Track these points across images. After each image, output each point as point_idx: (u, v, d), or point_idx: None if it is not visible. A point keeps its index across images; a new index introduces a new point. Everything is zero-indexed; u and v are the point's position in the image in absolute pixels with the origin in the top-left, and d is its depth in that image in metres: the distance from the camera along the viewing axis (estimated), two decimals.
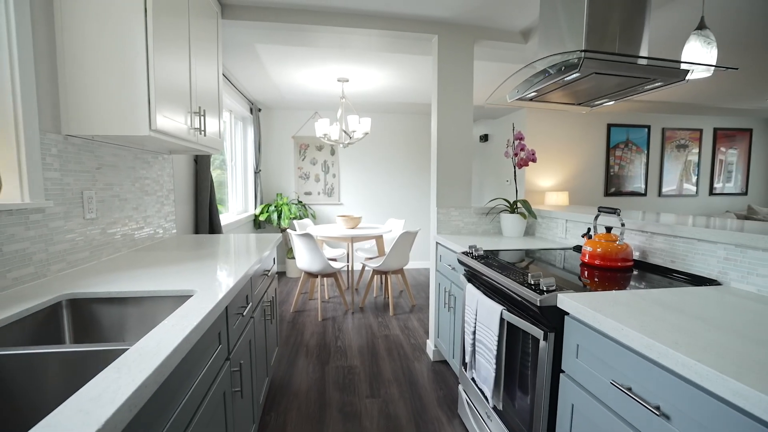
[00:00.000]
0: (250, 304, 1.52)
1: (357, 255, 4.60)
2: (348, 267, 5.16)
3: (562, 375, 1.16)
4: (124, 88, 1.33)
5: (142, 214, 1.90)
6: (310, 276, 3.62)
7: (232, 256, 1.65)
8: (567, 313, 1.14)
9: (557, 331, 1.18)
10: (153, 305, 1.15)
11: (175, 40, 1.55)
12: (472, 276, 1.77)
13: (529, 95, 1.74)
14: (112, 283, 1.20)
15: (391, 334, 3.15)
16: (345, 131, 3.91)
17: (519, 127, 5.04)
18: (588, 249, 1.61)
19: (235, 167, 4.33)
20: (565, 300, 1.13)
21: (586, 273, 1.48)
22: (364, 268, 4.60)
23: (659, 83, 1.44)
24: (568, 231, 2.18)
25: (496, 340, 1.42)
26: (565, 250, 1.99)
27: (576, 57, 1.31)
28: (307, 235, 3.29)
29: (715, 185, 5.60)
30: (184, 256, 1.66)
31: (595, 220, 1.75)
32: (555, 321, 1.18)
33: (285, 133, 5.19)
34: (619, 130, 5.15)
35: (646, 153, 5.27)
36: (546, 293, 1.18)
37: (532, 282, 1.27)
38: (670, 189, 5.43)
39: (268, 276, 2.03)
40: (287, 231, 4.72)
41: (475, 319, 1.60)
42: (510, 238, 2.39)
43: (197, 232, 2.73)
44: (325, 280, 4.49)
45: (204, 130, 1.83)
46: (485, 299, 1.51)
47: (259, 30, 2.37)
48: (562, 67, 1.42)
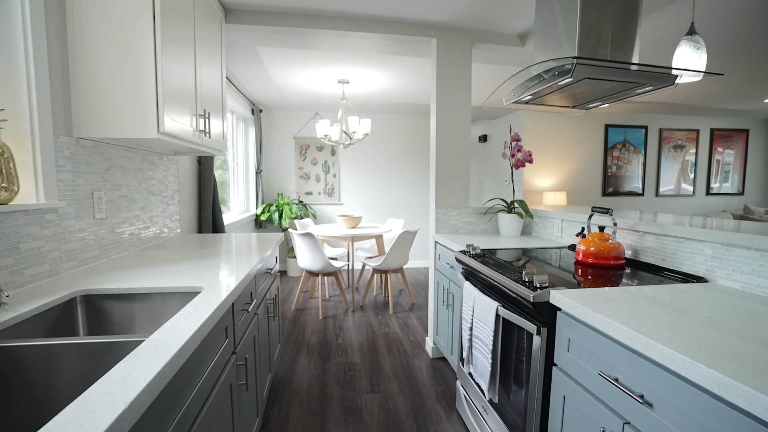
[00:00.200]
0: (254, 301, 1.57)
1: (357, 254, 4.65)
2: (348, 266, 5.22)
3: (554, 368, 1.21)
4: (133, 92, 1.38)
5: (148, 213, 1.95)
6: (311, 275, 3.67)
7: (237, 255, 1.70)
8: (559, 308, 1.19)
9: (550, 326, 1.23)
10: (162, 301, 1.20)
11: (181, 44, 1.60)
12: (470, 274, 1.82)
13: (524, 98, 1.79)
14: (122, 281, 1.25)
15: (390, 331, 3.20)
16: (345, 132, 3.96)
17: (517, 128, 5.09)
18: (582, 248, 1.66)
19: (237, 167, 4.38)
20: (557, 296, 1.18)
21: (579, 271, 1.53)
22: (364, 267, 4.65)
23: (649, 87, 1.49)
24: (564, 230, 2.23)
25: (492, 335, 1.47)
26: (560, 248, 2.04)
27: (569, 63, 1.36)
28: (308, 235, 3.34)
29: (712, 185, 5.65)
30: (189, 254, 1.71)
31: (589, 219, 1.81)
32: (548, 316, 1.23)
33: (286, 133, 5.24)
34: (617, 131, 5.20)
35: (643, 153, 5.32)
36: (539, 290, 1.23)
37: (526, 279, 1.32)
38: (667, 189, 5.48)
39: (271, 274, 2.08)
40: (288, 230, 4.77)
41: (472, 315, 1.65)
42: (507, 238, 2.44)
43: (201, 231, 2.78)
44: (325, 279, 4.54)
45: (209, 132, 1.88)
46: (482, 296, 1.57)
47: (261, 33, 2.42)
48: (556, 72, 1.47)
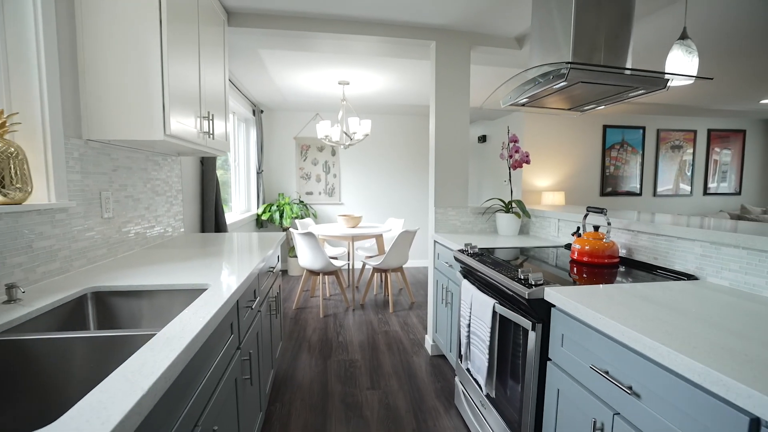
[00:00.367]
0: (257, 299, 1.61)
1: (357, 253, 4.69)
2: (349, 265, 5.26)
3: (548, 362, 1.25)
4: (140, 95, 1.42)
5: (153, 213, 1.99)
6: (311, 274, 3.71)
7: (240, 254, 1.74)
8: (553, 305, 1.23)
9: (545, 322, 1.27)
10: (169, 298, 1.24)
11: (186, 48, 1.64)
12: (468, 272, 1.86)
13: (521, 101, 1.83)
14: (130, 278, 1.29)
15: (390, 330, 3.25)
16: (346, 133, 4.00)
17: (516, 129, 5.13)
18: (577, 247, 1.70)
19: (239, 167, 4.42)
20: (551, 293, 1.22)
21: (574, 269, 1.57)
22: (364, 266, 4.69)
23: (642, 91, 1.53)
24: (560, 230, 2.27)
25: (489, 331, 1.51)
26: (557, 247, 2.09)
27: (563, 68, 1.40)
28: (309, 234, 3.38)
29: (709, 185, 5.70)
30: (193, 253, 1.75)
31: (584, 219, 1.85)
32: (542, 313, 1.27)
33: (287, 134, 5.28)
34: (615, 131, 5.25)
35: (641, 154, 5.37)
36: (534, 287, 1.27)
37: (521, 277, 1.36)
38: (665, 189, 5.53)
39: (273, 273, 2.12)
40: (289, 230, 4.81)
41: (470, 312, 1.69)
42: (505, 237, 2.48)
43: (203, 230, 2.82)
44: (326, 278, 4.58)
45: (212, 134, 1.92)
46: (479, 294, 1.61)
47: (262, 36, 2.46)
48: (551, 76, 1.51)
